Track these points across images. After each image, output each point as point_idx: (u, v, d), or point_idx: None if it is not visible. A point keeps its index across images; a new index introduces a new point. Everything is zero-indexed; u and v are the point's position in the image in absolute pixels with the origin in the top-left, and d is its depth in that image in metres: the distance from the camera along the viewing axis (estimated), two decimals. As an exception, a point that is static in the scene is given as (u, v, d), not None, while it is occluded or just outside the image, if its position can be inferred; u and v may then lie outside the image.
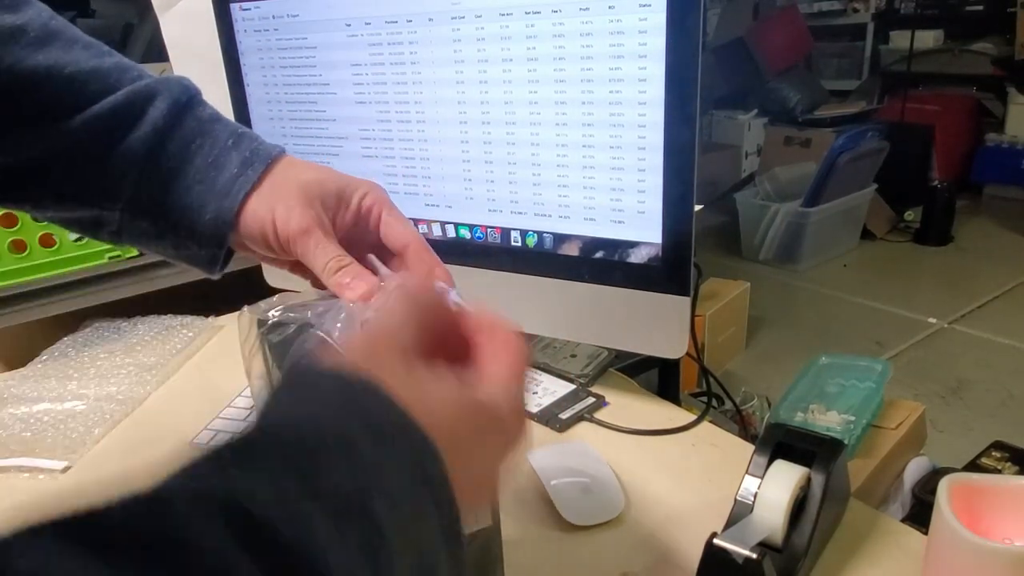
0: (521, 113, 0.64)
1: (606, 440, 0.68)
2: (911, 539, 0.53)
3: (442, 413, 0.27)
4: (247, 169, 0.43)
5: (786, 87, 3.65)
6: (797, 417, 0.83)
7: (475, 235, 0.72)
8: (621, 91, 0.59)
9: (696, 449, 0.66)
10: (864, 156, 2.83)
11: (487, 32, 0.63)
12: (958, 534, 0.42)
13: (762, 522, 0.48)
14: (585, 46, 0.59)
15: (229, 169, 0.43)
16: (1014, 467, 1.15)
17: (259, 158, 0.44)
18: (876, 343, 2.27)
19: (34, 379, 0.84)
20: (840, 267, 2.89)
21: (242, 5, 0.76)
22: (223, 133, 0.44)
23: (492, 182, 0.68)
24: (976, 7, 3.56)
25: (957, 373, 2.06)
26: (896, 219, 3.17)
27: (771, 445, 0.52)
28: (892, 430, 0.95)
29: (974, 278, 2.70)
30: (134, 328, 0.95)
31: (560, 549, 0.55)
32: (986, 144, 3.38)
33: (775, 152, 3.39)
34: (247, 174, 0.43)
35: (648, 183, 0.60)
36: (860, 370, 0.90)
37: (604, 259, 0.65)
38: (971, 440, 1.67)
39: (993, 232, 3.12)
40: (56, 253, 0.88)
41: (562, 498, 0.59)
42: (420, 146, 0.71)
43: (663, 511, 0.58)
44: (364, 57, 0.70)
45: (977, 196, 3.41)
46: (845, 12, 3.99)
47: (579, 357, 0.80)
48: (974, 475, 0.47)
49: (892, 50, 3.76)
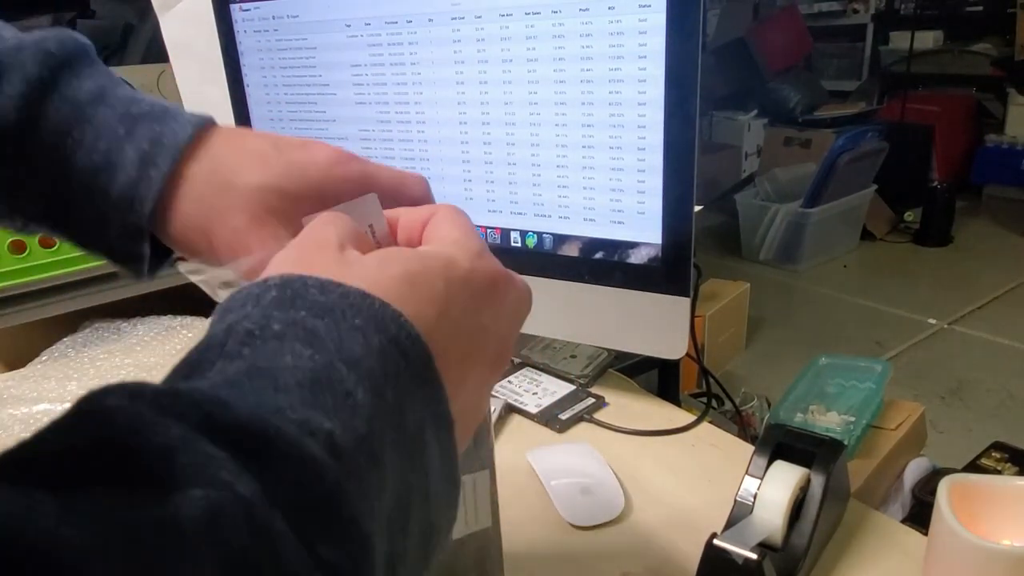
0: (521, 114, 0.64)
1: (606, 441, 0.68)
2: (911, 540, 0.53)
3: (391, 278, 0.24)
4: (148, 169, 0.32)
5: (786, 88, 3.66)
6: (797, 418, 0.83)
7: (475, 236, 0.72)
8: (621, 92, 0.59)
9: (696, 450, 0.66)
10: (864, 157, 2.83)
11: (487, 33, 0.63)
12: (958, 535, 0.42)
13: (762, 523, 0.48)
14: (585, 47, 0.59)
15: (124, 171, 0.32)
16: (1014, 468, 1.15)
17: (164, 150, 0.32)
18: (876, 344, 2.27)
19: (33, 380, 0.84)
20: (840, 268, 2.89)
21: (242, 6, 0.76)
22: (110, 117, 0.32)
23: (492, 183, 0.68)
24: (976, 8, 3.56)
25: (957, 374, 2.06)
26: (896, 220, 3.17)
27: (771, 446, 0.52)
28: (892, 431, 0.95)
29: (974, 279, 2.70)
30: (134, 329, 0.95)
31: (560, 550, 0.55)
32: (986, 145, 3.38)
33: (775, 153, 3.39)
34: (148, 177, 0.32)
35: (648, 184, 0.60)
36: (860, 371, 0.90)
37: (604, 260, 0.65)
38: (971, 441, 1.67)
39: (993, 233, 3.12)
40: (56, 254, 0.88)
41: (562, 499, 0.59)
42: (420, 147, 0.71)
43: (663, 512, 0.58)
44: (364, 58, 0.70)
45: (977, 197, 3.41)
46: (845, 13, 4.00)
47: (579, 358, 0.80)
48: (974, 476, 0.47)
49: (892, 51, 3.76)
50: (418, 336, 0.23)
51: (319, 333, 0.21)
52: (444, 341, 0.24)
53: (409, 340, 0.22)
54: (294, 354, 0.20)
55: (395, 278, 0.24)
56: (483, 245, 0.28)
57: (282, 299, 0.22)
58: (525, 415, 0.73)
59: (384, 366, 0.21)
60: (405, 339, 0.22)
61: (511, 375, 0.79)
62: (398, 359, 0.22)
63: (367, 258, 0.25)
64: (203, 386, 0.19)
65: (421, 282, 0.24)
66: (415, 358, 0.22)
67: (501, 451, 0.68)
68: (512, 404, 0.74)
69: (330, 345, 0.21)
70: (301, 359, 0.20)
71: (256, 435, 0.18)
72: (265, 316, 0.21)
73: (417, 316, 0.23)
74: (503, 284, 0.27)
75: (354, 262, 0.24)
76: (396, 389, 0.21)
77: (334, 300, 0.22)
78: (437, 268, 0.25)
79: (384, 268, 0.24)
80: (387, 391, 0.21)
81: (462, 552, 0.40)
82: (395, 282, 0.24)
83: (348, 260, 0.24)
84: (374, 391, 0.21)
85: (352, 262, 0.24)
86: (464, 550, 0.40)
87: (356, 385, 0.20)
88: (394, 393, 0.21)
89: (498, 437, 0.70)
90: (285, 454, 0.18)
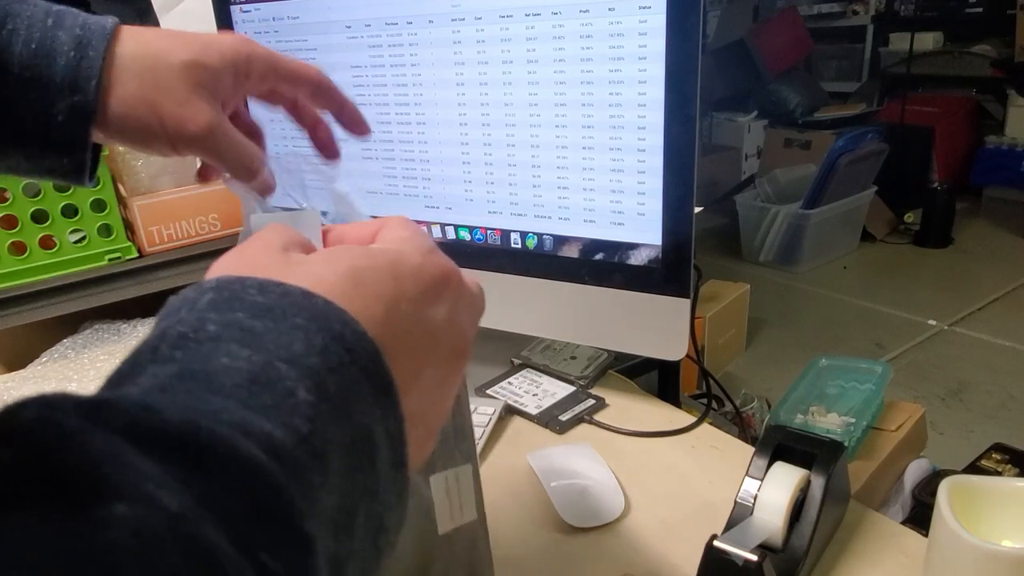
0: (521, 115, 0.64)
1: (606, 442, 0.68)
2: (911, 541, 0.53)
3: (336, 275, 0.23)
4: (86, 50, 0.34)
5: (786, 89, 3.66)
6: (797, 419, 0.83)
7: (475, 237, 0.72)
8: (621, 93, 0.59)
9: (696, 451, 0.66)
10: (864, 158, 2.83)
11: (487, 34, 0.63)
12: (958, 536, 0.42)
13: (762, 524, 0.48)
14: (585, 48, 0.59)
15: (63, 54, 0.34)
16: (1014, 469, 1.15)
17: (95, 34, 0.35)
18: (876, 345, 2.27)
19: (33, 381, 0.84)
20: (840, 269, 2.89)
21: (242, 7, 0.76)
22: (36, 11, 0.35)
23: (492, 184, 0.68)
24: (976, 9, 3.57)
25: (957, 375, 2.06)
26: (896, 221, 3.17)
27: (771, 447, 0.52)
28: (892, 432, 0.95)
29: (974, 280, 2.70)
30: (134, 330, 0.95)
31: (560, 551, 0.55)
32: (986, 146, 3.38)
33: (775, 154, 3.40)
34: (88, 56, 0.34)
35: (648, 185, 0.60)
36: (860, 372, 0.90)
37: (604, 261, 0.65)
38: (971, 442, 1.67)
39: (993, 234, 3.12)
40: (56, 255, 0.88)
41: (562, 500, 0.59)
42: (420, 148, 0.71)
43: (663, 513, 0.58)
44: (364, 59, 0.70)
45: (977, 198, 3.41)
46: (845, 14, 4.00)
47: (579, 359, 0.80)
48: (974, 477, 0.47)
49: (892, 52, 3.76)
50: (364, 332, 0.22)
51: (257, 332, 0.20)
52: (393, 337, 0.23)
53: (355, 336, 0.22)
54: (230, 355, 0.19)
55: (341, 275, 0.23)
56: (433, 245, 0.27)
57: (218, 301, 0.21)
58: (525, 416, 0.73)
59: (327, 363, 0.21)
60: (351, 336, 0.21)
61: (511, 376, 0.79)
62: (342, 355, 0.21)
63: (312, 257, 0.24)
64: (131, 393, 0.19)
65: (368, 278, 0.24)
66: (361, 354, 0.22)
67: (501, 452, 0.68)
68: (512, 405, 0.74)
69: (269, 345, 0.20)
70: (238, 360, 0.19)
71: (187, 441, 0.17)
72: (200, 319, 0.21)
73: (363, 312, 0.22)
74: (455, 280, 0.27)
75: (298, 263, 0.24)
76: (341, 386, 0.21)
77: (274, 300, 0.21)
78: (384, 264, 0.25)
79: (329, 265, 0.24)
80: (331, 388, 0.20)
81: (450, 546, 0.41)
82: (341, 279, 0.23)
83: (292, 261, 0.24)
84: (317, 388, 0.20)
85: (296, 263, 0.24)
86: (452, 544, 0.41)
87: (297, 383, 0.20)
88: (339, 390, 0.20)
89: (498, 439, 0.70)
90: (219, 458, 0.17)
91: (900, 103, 3.39)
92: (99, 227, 0.90)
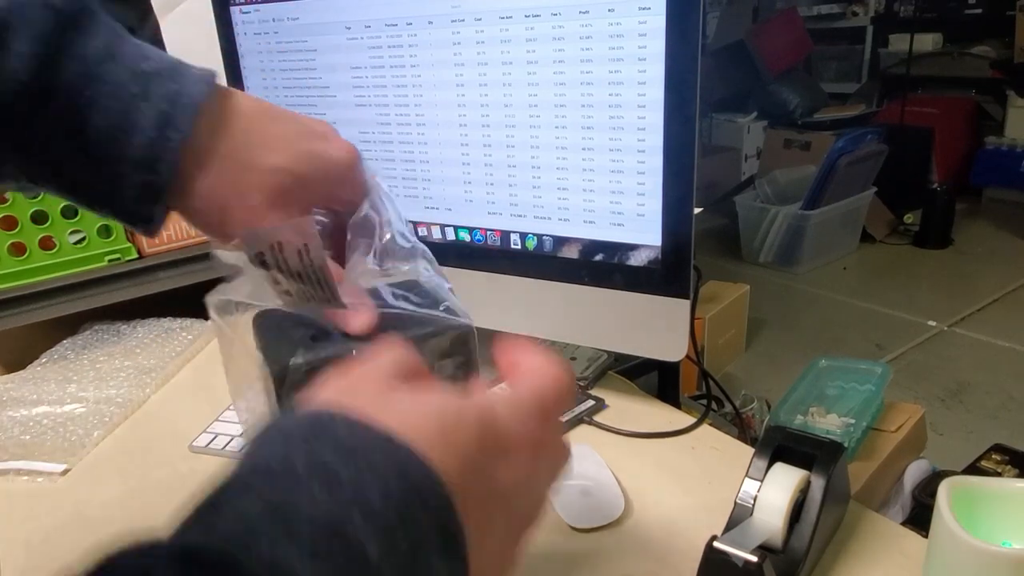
0: (521, 116, 0.64)
1: (606, 443, 0.68)
2: (911, 542, 0.53)
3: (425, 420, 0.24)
4: (166, 130, 0.32)
5: (786, 90, 3.66)
6: (797, 420, 0.83)
7: (475, 238, 0.72)
8: (621, 94, 0.59)
9: (696, 452, 0.66)
10: (864, 159, 2.83)
11: (487, 35, 0.63)
12: (958, 537, 0.42)
13: (762, 525, 0.48)
14: (585, 49, 0.59)
15: (142, 131, 0.32)
16: (1014, 470, 1.15)
17: (181, 110, 0.32)
18: (876, 346, 2.27)
19: (33, 382, 0.83)
20: (840, 270, 2.89)
21: (242, 8, 0.76)
22: (122, 75, 0.32)
23: (492, 185, 0.68)
24: (975, 10, 3.57)
25: (957, 376, 2.06)
26: (896, 222, 3.17)
27: (771, 448, 0.52)
28: (892, 433, 0.95)
29: (974, 281, 2.70)
30: (133, 331, 0.95)
31: (560, 552, 0.55)
32: (985, 147, 3.39)
33: (775, 155, 3.40)
34: (167, 138, 0.32)
35: (648, 186, 0.60)
36: (860, 373, 0.90)
37: (604, 262, 0.65)
38: (971, 443, 1.67)
39: (993, 235, 3.12)
40: (55, 256, 0.88)
41: (562, 501, 0.59)
42: (420, 149, 0.71)
43: (663, 514, 0.58)
44: (364, 60, 0.70)
45: (976, 199, 3.42)
46: (844, 15, 4.00)
47: (579, 360, 0.80)
48: (974, 478, 0.47)
49: (891, 53, 3.77)
50: (441, 484, 0.23)
51: (340, 479, 0.21)
52: (467, 493, 0.23)
53: (430, 486, 0.22)
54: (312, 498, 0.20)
55: (429, 422, 0.24)
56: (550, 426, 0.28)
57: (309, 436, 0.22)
58: (525, 417, 0.73)
59: (401, 513, 0.21)
60: (427, 487, 0.22)
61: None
62: (416, 506, 0.22)
63: (406, 397, 0.25)
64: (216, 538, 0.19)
65: (452, 431, 0.24)
66: (436, 506, 0.22)
67: (501, 453, 0.68)
68: (512, 406, 0.74)
69: (348, 492, 0.21)
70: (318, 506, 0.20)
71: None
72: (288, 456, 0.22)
73: (443, 462, 0.23)
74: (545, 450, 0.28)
75: (396, 399, 0.25)
76: (411, 538, 0.21)
77: (358, 442, 0.22)
78: (471, 421, 0.25)
79: (419, 408, 0.24)
80: (401, 544, 0.21)
81: None
82: (427, 427, 0.24)
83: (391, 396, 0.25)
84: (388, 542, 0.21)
85: (394, 399, 0.25)
86: None
87: (369, 539, 0.20)
88: (409, 545, 0.21)
89: (498, 439, 0.70)
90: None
91: (900, 104, 3.39)
92: (99, 228, 0.90)
